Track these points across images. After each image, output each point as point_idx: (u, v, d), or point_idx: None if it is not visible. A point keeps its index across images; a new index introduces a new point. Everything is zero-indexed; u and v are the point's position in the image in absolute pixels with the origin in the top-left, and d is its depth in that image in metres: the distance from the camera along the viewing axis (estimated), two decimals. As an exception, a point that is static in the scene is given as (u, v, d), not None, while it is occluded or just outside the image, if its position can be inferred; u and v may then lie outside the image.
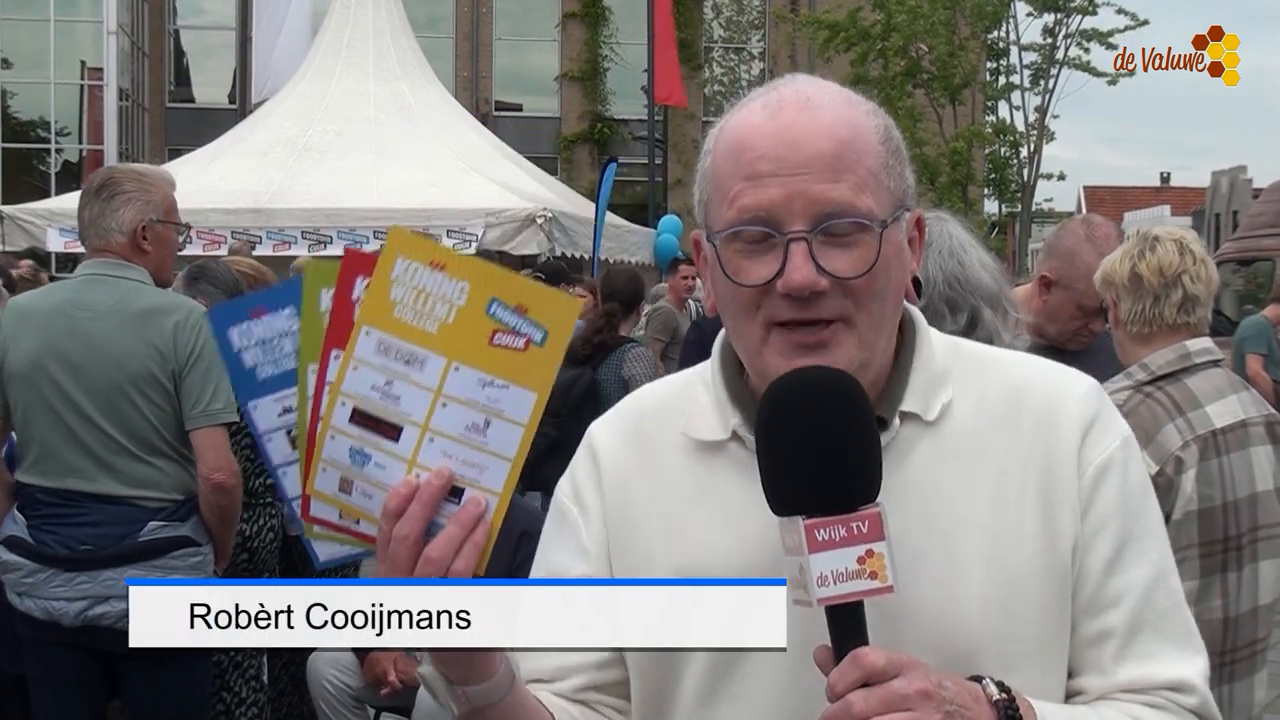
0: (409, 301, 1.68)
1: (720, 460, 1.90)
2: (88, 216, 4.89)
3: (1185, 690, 1.83)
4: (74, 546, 4.66)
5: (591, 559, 1.95)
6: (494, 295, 1.67)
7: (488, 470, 1.69)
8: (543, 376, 1.68)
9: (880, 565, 1.61)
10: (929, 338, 1.94)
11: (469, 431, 1.68)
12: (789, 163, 1.75)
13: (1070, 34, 32.18)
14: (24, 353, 4.76)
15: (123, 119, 37.00)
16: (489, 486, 1.69)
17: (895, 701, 1.57)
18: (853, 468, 1.64)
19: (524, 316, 1.67)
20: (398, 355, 1.69)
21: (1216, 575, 3.68)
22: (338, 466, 1.72)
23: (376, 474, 1.70)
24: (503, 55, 41.58)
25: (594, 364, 7.91)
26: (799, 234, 1.73)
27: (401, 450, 1.69)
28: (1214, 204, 50.92)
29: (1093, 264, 4.13)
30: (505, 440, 1.69)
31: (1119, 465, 1.86)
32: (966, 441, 1.85)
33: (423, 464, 1.69)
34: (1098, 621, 1.82)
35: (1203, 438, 3.70)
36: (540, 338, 1.67)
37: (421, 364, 1.69)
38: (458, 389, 1.68)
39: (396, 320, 1.68)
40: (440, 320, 1.68)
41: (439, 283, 1.68)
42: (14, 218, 17.71)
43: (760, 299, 1.77)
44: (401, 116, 19.32)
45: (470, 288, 1.68)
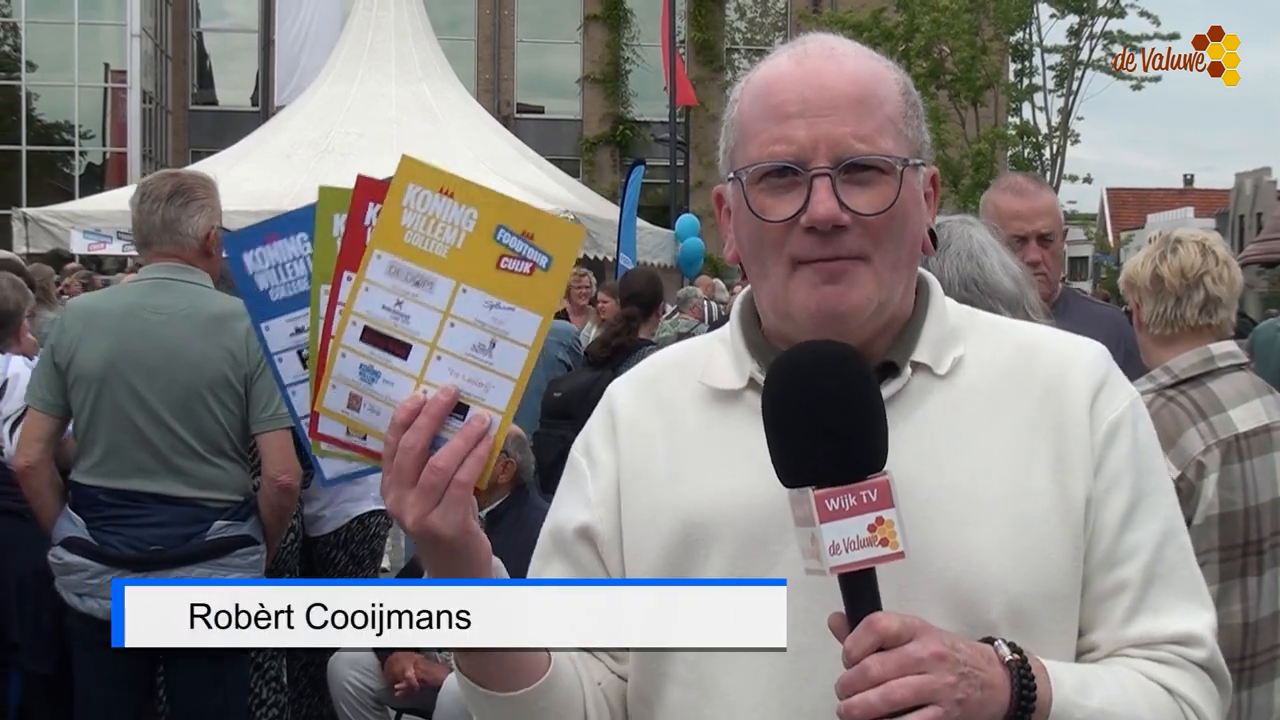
0: (419, 226, 1.73)
1: (737, 408, 1.94)
2: (159, 221, 4.93)
3: (1193, 643, 1.85)
4: (141, 547, 4.73)
5: (594, 508, 1.99)
6: (501, 221, 1.72)
7: (493, 389, 1.73)
8: (547, 300, 1.73)
9: (890, 532, 1.64)
10: (942, 299, 1.99)
11: (475, 351, 1.73)
12: (814, 104, 1.82)
13: (1094, 36, 32.09)
14: (96, 354, 4.80)
15: (146, 122, 37.23)
16: (493, 405, 1.73)
17: (910, 665, 1.60)
18: (860, 437, 1.67)
19: (530, 242, 1.72)
20: (408, 277, 1.73)
21: (1236, 580, 3.67)
22: (347, 383, 1.76)
23: (385, 390, 1.75)
24: (524, 57, 41.64)
25: (613, 366, 7.89)
26: (823, 170, 1.80)
27: (410, 368, 1.74)
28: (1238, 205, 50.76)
29: (997, 201, 4.62)
30: (510, 360, 1.73)
31: (1129, 423, 1.89)
32: (978, 395, 1.89)
33: (430, 381, 1.73)
34: (1112, 575, 1.85)
35: (1225, 442, 3.68)
36: (545, 263, 1.72)
37: (430, 286, 1.73)
38: (465, 310, 1.73)
39: (407, 244, 1.73)
40: (449, 244, 1.73)
41: (448, 208, 1.73)
42: (38, 220, 17.82)
43: (785, 236, 1.83)
44: (423, 119, 19.38)
45: (479, 214, 1.72)
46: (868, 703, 1.59)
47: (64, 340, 4.84)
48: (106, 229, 17.32)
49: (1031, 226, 4.56)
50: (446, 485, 1.69)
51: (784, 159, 1.81)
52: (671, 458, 1.95)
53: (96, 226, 17.54)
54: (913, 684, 1.59)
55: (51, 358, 4.85)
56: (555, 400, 8.19)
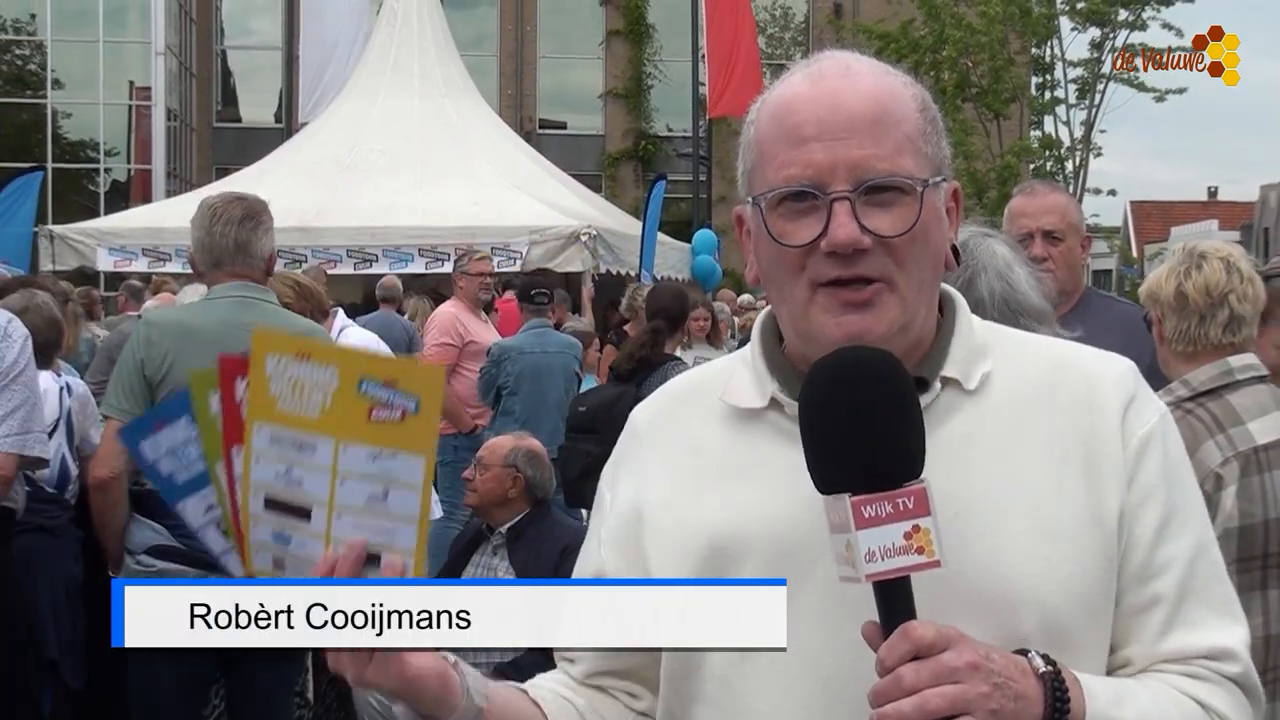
0: (287, 393, 1.78)
1: (760, 428, 1.93)
2: (232, 243, 5.14)
3: (1227, 659, 1.84)
4: None
5: (604, 546, 2.01)
6: (362, 374, 1.76)
7: (397, 533, 1.77)
8: (425, 440, 1.76)
9: (927, 540, 1.63)
10: (968, 315, 1.98)
11: (371, 502, 1.77)
12: (831, 126, 1.80)
13: (1115, 49, 31.97)
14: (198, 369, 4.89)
15: (170, 139, 37.37)
16: (402, 546, 1.76)
17: (945, 674, 1.60)
18: (898, 444, 1.67)
19: (394, 389, 1.75)
20: (290, 443, 1.78)
21: (1257, 592, 3.65)
22: (267, 548, 1.82)
23: (300, 551, 1.80)
24: (547, 73, 41.68)
25: (637, 382, 7.90)
26: (842, 193, 1.78)
27: (315, 528, 1.79)
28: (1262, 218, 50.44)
29: (1010, 204, 4.86)
30: (406, 504, 1.76)
31: (1159, 438, 1.89)
32: (1007, 411, 1.88)
33: (337, 537, 1.77)
34: (1147, 589, 1.84)
35: (1244, 454, 3.67)
36: (414, 405, 1.75)
37: (313, 448, 1.78)
38: (351, 465, 1.77)
39: (281, 412, 1.78)
40: (320, 405, 1.77)
41: (310, 371, 1.77)
42: (64, 237, 17.86)
43: (805, 260, 1.82)
44: (446, 135, 19.38)
45: (340, 371, 1.77)
46: (901, 712, 1.59)
47: (154, 354, 4.96)
48: (132, 246, 17.38)
49: (1036, 223, 4.64)
50: None
51: (802, 183, 1.80)
52: (696, 479, 1.95)
53: (122, 244, 17.59)
54: (947, 693, 1.59)
55: (141, 371, 4.96)
56: (580, 415, 8.22)
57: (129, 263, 17.47)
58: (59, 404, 5.85)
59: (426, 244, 16.64)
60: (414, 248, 16.56)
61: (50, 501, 5.54)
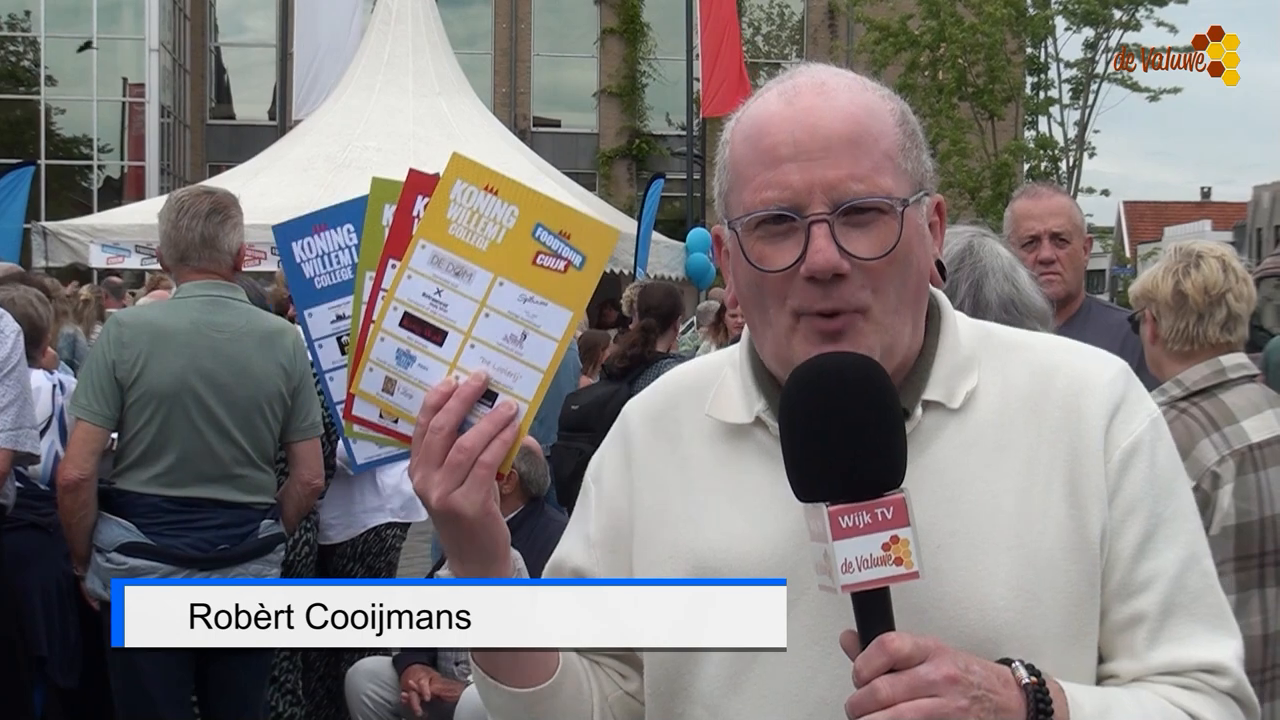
0: (463, 220, 1.81)
1: (745, 444, 1.91)
2: (198, 238, 5.08)
3: (1219, 673, 1.81)
4: (206, 548, 4.93)
5: (592, 549, 2.01)
6: (540, 220, 1.80)
7: (521, 379, 1.80)
8: (579, 297, 1.80)
9: (905, 551, 1.61)
10: (954, 324, 1.93)
11: (507, 342, 1.80)
12: (807, 147, 1.76)
13: (1110, 49, 31.98)
14: (168, 371, 4.94)
15: (164, 136, 37.31)
16: (521, 394, 1.80)
17: (921, 687, 1.57)
18: (877, 454, 1.64)
19: (566, 241, 1.79)
20: (449, 267, 1.81)
21: (1254, 590, 3.66)
22: (384, 367, 1.83)
23: (419, 374, 1.82)
24: (541, 71, 41.68)
25: (630, 380, 7.89)
26: (820, 216, 1.74)
27: (444, 354, 1.81)
28: (1255, 218, 50.60)
29: (1013, 207, 4.84)
30: (540, 352, 1.80)
31: (1147, 447, 1.84)
32: (992, 428, 1.84)
33: (463, 367, 1.80)
34: (1129, 606, 1.81)
35: (1239, 452, 3.67)
36: (580, 262, 1.80)
37: (470, 277, 1.81)
38: (500, 302, 1.80)
39: (451, 236, 1.81)
40: (490, 239, 1.81)
41: (492, 205, 1.81)
42: (57, 234, 17.87)
43: (786, 286, 1.78)
44: (440, 132, 19.38)
45: (520, 211, 1.80)
46: None
47: (125, 355, 4.92)
48: (125, 242, 17.39)
49: (1044, 225, 4.65)
50: (472, 464, 1.73)
51: (779, 206, 1.76)
52: (684, 496, 1.93)
53: (115, 240, 17.61)
54: (923, 707, 1.56)
55: (113, 372, 4.91)
56: (573, 413, 8.20)
57: (121, 259, 17.49)
58: (51, 402, 5.84)
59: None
60: (407, 245, 16.53)
61: (42, 499, 5.52)
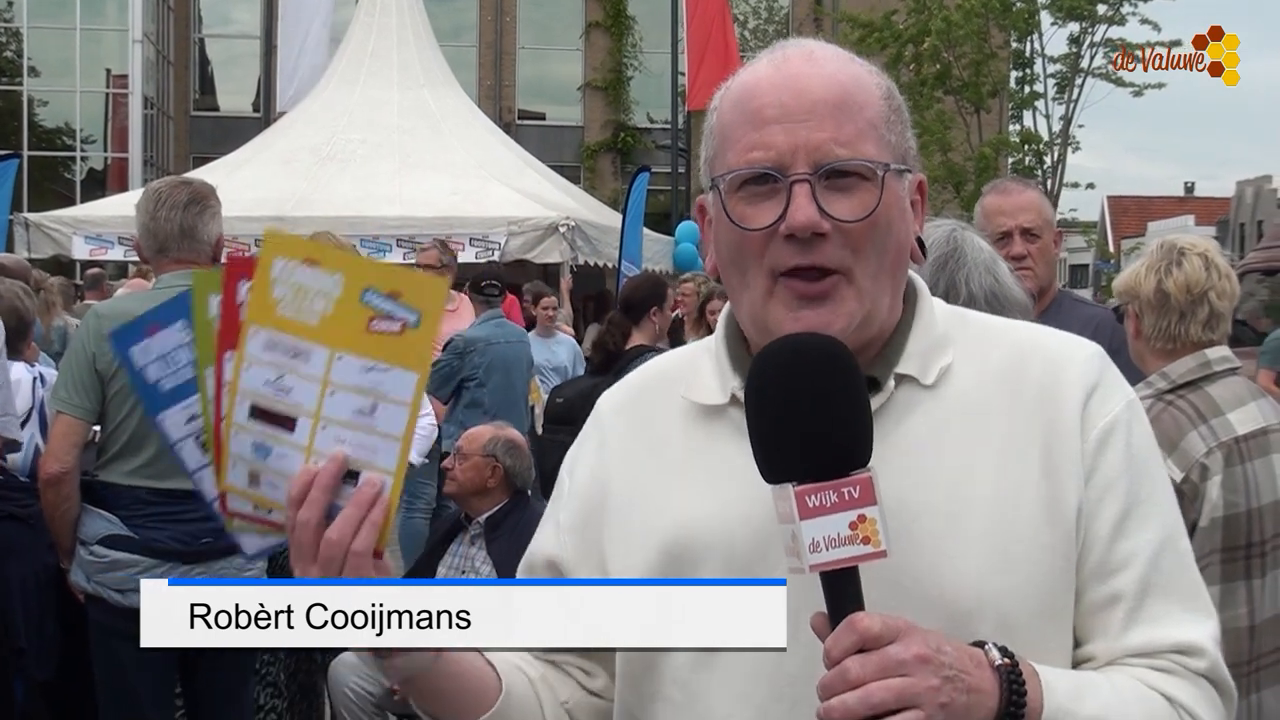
0: (289, 298, 1.76)
1: (720, 424, 1.91)
2: (177, 228, 5.00)
3: (1194, 653, 1.80)
4: (190, 541, 4.88)
5: (562, 534, 2.01)
6: (367, 284, 1.75)
7: (380, 451, 1.76)
8: (420, 356, 1.76)
9: (873, 530, 1.60)
10: (930, 304, 1.95)
11: (358, 416, 1.76)
12: (793, 109, 1.79)
13: (1095, 44, 32.04)
14: None
15: (148, 127, 37.23)
16: (383, 466, 1.76)
17: (892, 667, 1.56)
18: (842, 433, 1.64)
19: (397, 301, 1.74)
20: (285, 350, 1.77)
21: (1240, 581, 3.66)
22: (245, 461, 1.80)
23: (279, 464, 1.78)
24: (526, 64, 41.65)
25: (614, 372, 7.89)
26: (802, 176, 1.77)
27: (298, 439, 1.77)
28: (1238, 213, 50.75)
29: (983, 202, 4.88)
30: (393, 420, 1.76)
31: (1123, 428, 1.85)
32: (966, 406, 1.85)
33: (319, 451, 1.76)
34: (1106, 586, 1.80)
35: (1226, 444, 3.68)
36: (415, 320, 1.75)
37: (307, 356, 1.76)
38: (343, 377, 1.76)
39: (280, 317, 1.76)
40: (320, 313, 1.76)
41: (315, 277, 1.76)
42: (40, 225, 17.79)
43: (764, 246, 1.79)
44: (425, 125, 19.35)
45: (345, 279, 1.75)
46: (846, 705, 1.55)
47: (105, 347, 4.84)
48: (108, 234, 17.31)
49: (1014, 221, 4.67)
50: (344, 557, 1.71)
51: (762, 165, 1.79)
52: (658, 477, 1.93)
53: (98, 232, 17.53)
54: (893, 686, 1.55)
55: (93, 365, 4.87)
56: (558, 406, 8.19)
57: (104, 251, 17.41)
58: (31, 394, 5.82)
59: (404, 234, 16.59)
60: (392, 238, 16.50)
61: (22, 490, 5.50)
